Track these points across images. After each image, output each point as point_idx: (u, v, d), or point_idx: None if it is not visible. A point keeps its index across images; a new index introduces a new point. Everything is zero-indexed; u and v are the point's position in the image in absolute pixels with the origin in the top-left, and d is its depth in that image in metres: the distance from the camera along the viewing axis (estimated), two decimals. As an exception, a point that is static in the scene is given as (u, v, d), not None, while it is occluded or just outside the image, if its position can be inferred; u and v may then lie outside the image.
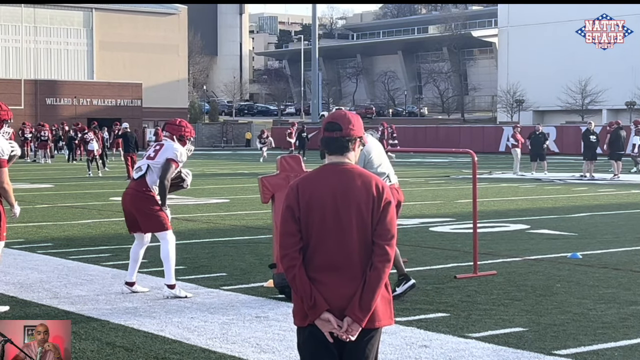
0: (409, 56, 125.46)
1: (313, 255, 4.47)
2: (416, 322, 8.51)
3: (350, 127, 4.59)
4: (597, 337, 7.90)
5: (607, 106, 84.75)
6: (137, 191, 9.98)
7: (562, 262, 12.31)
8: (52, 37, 74.61)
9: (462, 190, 25.44)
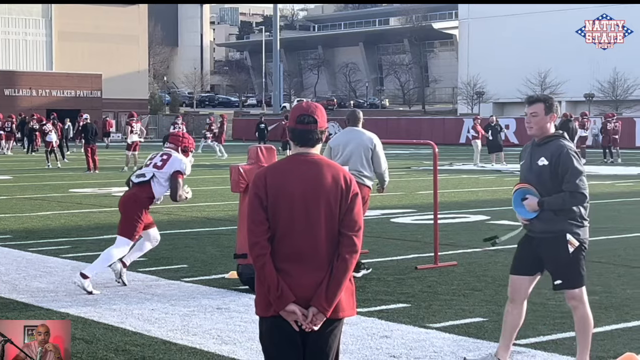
0: (370, 48, 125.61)
1: (279, 245, 4.47)
2: (377, 312, 8.54)
3: (323, 120, 4.60)
4: (556, 326, 7.98)
5: (566, 98, 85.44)
6: (139, 196, 9.96)
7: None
8: (10, 28, 73.75)
9: (423, 182, 25.55)
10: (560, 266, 6.40)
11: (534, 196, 6.36)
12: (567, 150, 6.30)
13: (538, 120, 6.39)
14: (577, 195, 6.27)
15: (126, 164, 32.54)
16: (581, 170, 6.30)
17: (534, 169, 6.40)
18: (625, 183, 26.00)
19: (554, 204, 6.30)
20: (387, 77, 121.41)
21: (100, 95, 73.66)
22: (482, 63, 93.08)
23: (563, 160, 6.27)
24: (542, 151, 6.38)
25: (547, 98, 6.48)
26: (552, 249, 6.37)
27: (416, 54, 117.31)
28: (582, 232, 6.44)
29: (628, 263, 11.47)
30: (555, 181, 6.30)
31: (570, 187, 6.26)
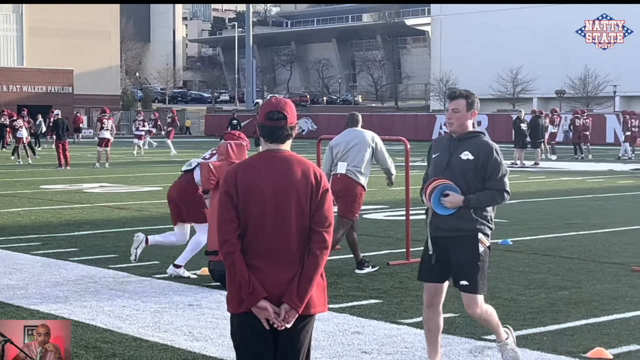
0: (343, 44, 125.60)
1: (250, 242, 4.46)
2: (349, 308, 8.55)
3: (293, 116, 4.60)
4: (527, 322, 8.03)
5: (538, 94, 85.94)
6: (190, 182, 10.39)
7: (493, 248, 12.32)
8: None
9: (395, 178, 25.55)
10: (468, 266, 6.22)
11: (455, 192, 6.17)
12: (496, 149, 6.22)
13: (459, 117, 6.25)
14: (505, 193, 6.20)
15: (97, 160, 32.37)
16: (507, 169, 6.28)
17: (456, 163, 6.21)
18: (595, 179, 26.19)
19: (482, 201, 6.17)
20: (360, 74, 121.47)
21: (72, 91, 73.23)
22: (455, 59, 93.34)
23: (493, 157, 6.17)
24: (465, 146, 6.23)
25: (469, 95, 6.33)
26: (463, 247, 6.21)
27: (389, 50, 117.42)
28: (490, 235, 6.34)
29: (598, 258, 11.56)
30: (478, 177, 6.18)
31: (499, 185, 6.18)
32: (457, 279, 6.27)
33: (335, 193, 10.89)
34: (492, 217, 6.32)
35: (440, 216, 6.22)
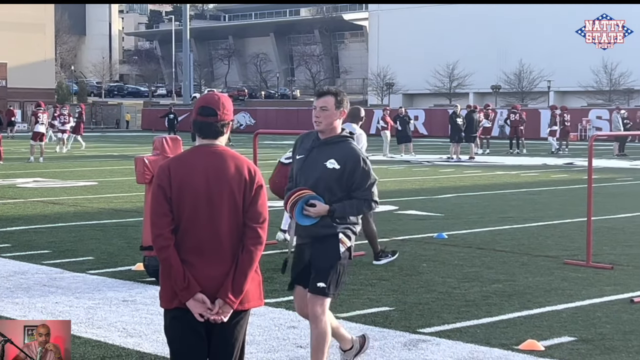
0: (281, 38, 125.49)
1: (184, 237, 4.43)
2: (285, 303, 8.54)
3: (224, 112, 4.56)
4: (461, 314, 8.10)
5: (474, 89, 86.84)
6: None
7: (429, 242, 12.57)
8: None
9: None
10: (327, 266, 5.82)
11: (320, 201, 5.79)
12: (363, 157, 5.90)
13: (328, 115, 5.90)
14: (372, 202, 5.92)
15: (31, 154, 31.92)
16: (376, 178, 5.97)
17: (319, 169, 5.86)
18: (529, 173, 26.53)
19: (348, 211, 5.85)
20: (298, 68, 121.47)
21: (6, 85, 72.05)
22: (392, 54, 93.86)
23: (361, 168, 5.85)
24: (331, 152, 5.89)
25: (339, 92, 6.00)
26: (324, 249, 5.84)
27: (327, 45, 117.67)
28: (352, 239, 5.99)
29: (531, 252, 11.71)
30: (343, 186, 5.85)
31: (366, 194, 5.87)
32: (314, 281, 5.82)
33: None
34: (356, 222, 6.00)
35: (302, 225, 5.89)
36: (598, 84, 77.82)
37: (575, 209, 16.08)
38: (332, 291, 5.87)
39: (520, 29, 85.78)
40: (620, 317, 8.02)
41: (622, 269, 10.48)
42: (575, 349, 6.93)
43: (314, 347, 5.93)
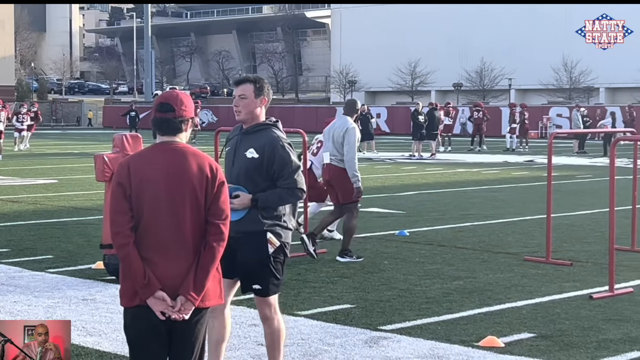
0: (243, 36, 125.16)
1: (144, 234, 4.41)
2: (246, 301, 8.51)
3: (182, 108, 4.55)
4: (422, 311, 8.13)
5: (436, 87, 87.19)
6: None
7: (390, 239, 12.60)
8: None
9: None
10: (258, 269, 5.62)
11: (244, 192, 5.61)
12: (282, 143, 5.70)
13: (247, 104, 5.71)
14: (296, 191, 5.67)
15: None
16: (299, 164, 5.72)
17: (241, 160, 5.70)
18: (490, 171, 26.70)
19: (271, 201, 5.62)
20: (260, 65, 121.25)
21: (-36, 81, 71.16)
22: (355, 52, 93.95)
23: (279, 154, 5.65)
24: (252, 141, 5.72)
25: (258, 79, 5.78)
26: (251, 249, 5.59)
27: (289, 43, 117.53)
28: (285, 234, 5.73)
29: (492, 249, 11.78)
30: (265, 176, 5.64)
31: (289, 183, 5.64)
32: (249, 283, 5.67)
33: (326, 183, 11.34)
34: (287, 215, 5.74)
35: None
36: (558, 82, 78.45)
37: (535, 206, 16.20)
38: (272, 290, 5.70)
39: (482, 27, 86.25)
40: (579, 313, 8.09)
41: (581, 265, 10.58)
42: (535, 345, 6.98)
43: (269, 345, 5.89)
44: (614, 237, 9.17)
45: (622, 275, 9.73)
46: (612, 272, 8.96)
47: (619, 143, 10.79)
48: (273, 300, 5.74)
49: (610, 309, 8.23)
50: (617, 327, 7.57)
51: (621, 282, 9.36)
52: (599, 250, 11.43)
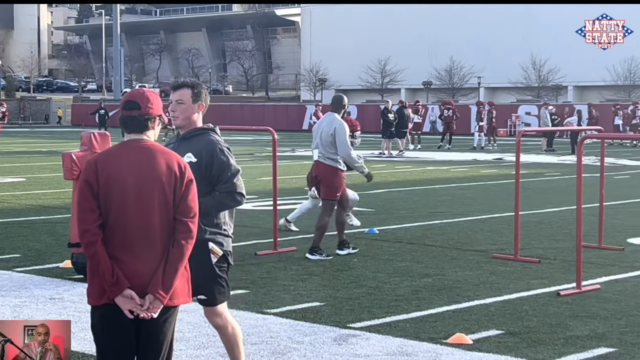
0: (213, 33, 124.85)
1: (112, 232, 4.38)
2: (215, 299, 8.50)
3: (149, 106, 4.53)
4: (391, 309, 8.15)
5: (406, 85, 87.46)
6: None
7: (360, 237, 12.62)
8: None
9: (264, 168, 25.59)
10: (203, 279, 5.50)
11: None
12: (220, 147, 5.62)
13: (184, 109, 5.62)
14: (236, 195, 5.61)
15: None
16: (238, 169, 5.66)
17: None
18: (460, 168, 26.81)
19: (210, 205, 5.52)
20: (230, 63, 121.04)
21: None
22: (325, 50, 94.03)
23: (218, 158, 5.58)
24: (189, 146, 5.62)
25: (196, 84, 5.71)
26: (194, 259, 5.11)
27: (259, 40, 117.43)
28: (226, 242, 5.71)
29: (460, 246, 11.83)
30: (205, 180, 5.50)
31: (229, 187, 5.58)
32: (196, 293, 5.34)
33: (315, 178, 11.36)
34: (226, 222, 5.69)
35: None
36: (527, 81, 78.96)
37: (503, 204, 16.29)
38: (219, 300, 5.66)
39: (451, 26, 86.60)
40: (547, 310, 8.14)
41: (549, 262, 10.65)
42: (503, 342, 7.02)
43: (229, 350, 5.86)
44: (581, 234, 9.24)
45: (589, 272, 9.80)
46: (580, 269, 9.03)
47: (587, 141, 10.88)
48: (221, 308, 5.70)
49: (577, 306, 8.29)
50: (584, 323, 7.63)
51: (588, 279, 9.43)
52: (567, 248, 11.52)
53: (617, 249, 11.58)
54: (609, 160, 29.04)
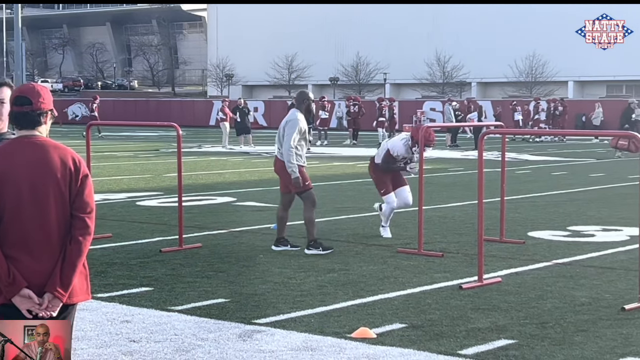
0: (117, 28, 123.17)
1: (7, 231, 4.29)
2: (118, 297, 8.41)
3: (40, 101, 4.44)
4: (296, 304, 8.17)
5: (313, 81, 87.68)
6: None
7: (266, 233, 12.62)
8: None
9: (171, 164, 25.35)
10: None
11: None
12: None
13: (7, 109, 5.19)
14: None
15: None
16: None
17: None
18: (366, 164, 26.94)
19: None
20: (135, 58, 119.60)
21: None
22: (232, 46, 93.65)
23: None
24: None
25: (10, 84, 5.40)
26: None
27: (165, 35, 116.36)
28: None
29: (365, 241, 11.93)
30: None
31: None
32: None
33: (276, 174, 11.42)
34: None
35: None
36: (432, 77, 80.00)
37: (408, 199, 16.45)
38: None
39: (357, 22, 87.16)
40: (449, 303, 8.27)
41: (452, 256, 10.82)
42: (406, 335, 7.10)
43: None
44: (483, 228, 9.41)
45: (491, 266, 9.99)
46: (481, 262, 9.19)
47: (489, 136, 11.08)
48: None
49: (479, 299, 8.44)
50: (486, 316, 7.77)
51: (490, 272, 9.61)
52: (469, 242, 11.71)
53: (517, 242, 11.82)
54: (511, 156, 29.66)
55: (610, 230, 12.93)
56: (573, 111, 51.15)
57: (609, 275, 9.69)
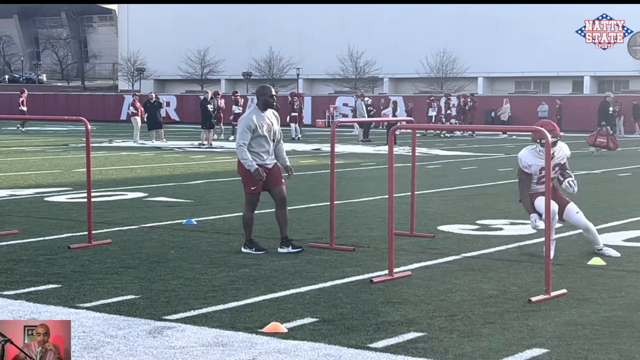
0: (25, 21, 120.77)
1: None
2: (25, 295, 8.24)
3: None
4: (207, 300, 8.12)
5: (226, 76, 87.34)
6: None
7: (178, 228, 12.52)
8: None
9: (81, 159, 24.99)
10: None
11: None
12: None
13: None
14: None
15: None
16: None
17: None
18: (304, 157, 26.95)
19: None
20: (44, 52, 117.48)
21: None
22: (143, 39, 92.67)
23: None
24: None
25: None
26: None
27: (74, 29, 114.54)
28: None
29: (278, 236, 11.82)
30: None
31: None
32: None
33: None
34: None
35: None
36: (345, 72, 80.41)
37: (321, 194, 16.54)
38: None
39: (270, 17, 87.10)
40: (360, 297, 8.32)
41: (363, 250, 10.89)
42: (317, 330, 7.12)
43: None
44: (393, 222, 9.48)
45: (401, 259, 10.08)
46: (392, 256, 9.27)
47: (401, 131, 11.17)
48: None
49: (389, 292, 8.51)
50: (396, 309, 7.84)
51: (400, 266, 9.70)
52: (381, 236, 11.81)
53: (427, 236, 11.97)
54: (422, 150, 30.01)
55: (518, 224, 13.17)
56: (483, 107, 52.04)
57: (516, 268, 9.88)
